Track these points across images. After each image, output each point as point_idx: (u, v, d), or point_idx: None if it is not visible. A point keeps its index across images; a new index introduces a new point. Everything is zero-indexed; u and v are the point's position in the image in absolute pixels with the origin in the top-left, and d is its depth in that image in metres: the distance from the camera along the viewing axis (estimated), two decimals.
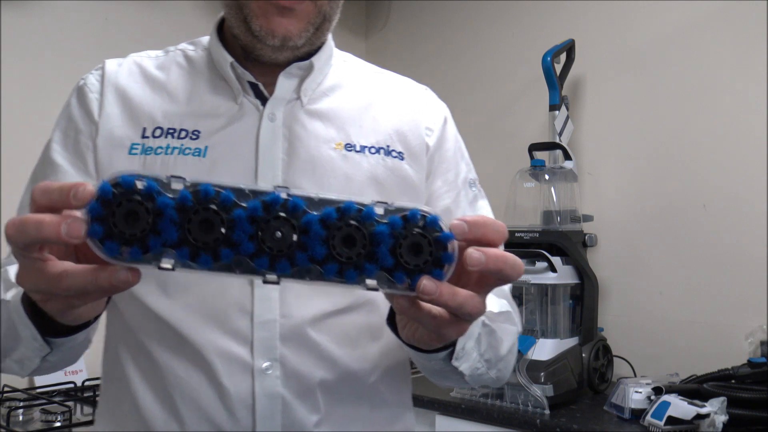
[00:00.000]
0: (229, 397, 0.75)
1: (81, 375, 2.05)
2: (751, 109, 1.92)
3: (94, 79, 0.86)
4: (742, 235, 1.92)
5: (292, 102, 0.84)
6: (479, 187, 0.96)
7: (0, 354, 0.74)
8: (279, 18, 0.77)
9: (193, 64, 0.86)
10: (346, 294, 0.80)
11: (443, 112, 0.95)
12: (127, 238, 0.49)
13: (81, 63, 2.17)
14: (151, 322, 0.78)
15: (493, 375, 0.83)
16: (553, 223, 1.98)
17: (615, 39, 2.21)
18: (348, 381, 0.81)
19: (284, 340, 0.77)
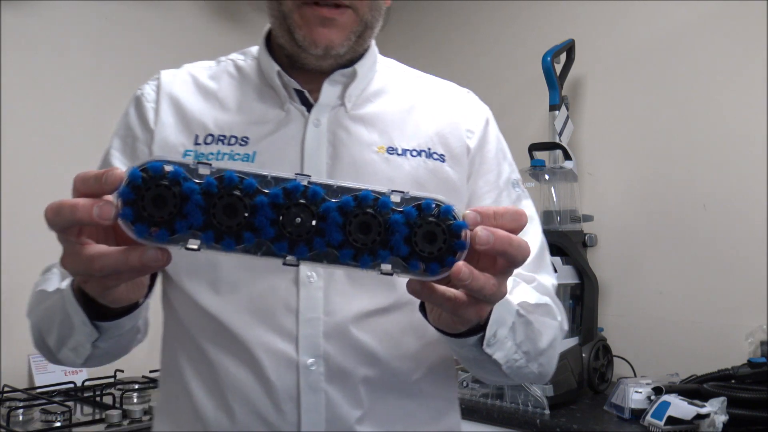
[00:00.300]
0: (276, 392, 0.78)
1: (81, 375, 2.05)
2: (751, 109, 1.92)
3: (151, 89, 0.92)
4: (742, 235, 1.92)
5: (336, 108, 0.87)
6: (523, 188, 0.97)
7: (49, 344, 0.78)
8: (321, 28, 0.80)
9: (243, 73, 0.90)
10: (388, 294, 0.82)
11: (485, 114, 0.95)
12: (155, 221, 0.52)
13: (81, 63, 2.18)
14: (204, 320, 0.81)
15: (535, 369, 0.83)
16: (553, 223, 1.97)
17: (615, 39, 2.21)
18: (391, 378, 0.83)
19: (327, 338, 0.80)
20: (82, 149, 2.16)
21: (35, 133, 2.07)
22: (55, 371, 2.03)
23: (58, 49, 2.11)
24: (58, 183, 2.09)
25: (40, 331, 0.81)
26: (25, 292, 2.10)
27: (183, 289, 0.83)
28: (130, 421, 1.67)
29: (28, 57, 2.05)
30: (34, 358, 2.01)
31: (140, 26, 2.30)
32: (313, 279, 0.80)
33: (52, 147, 2.09)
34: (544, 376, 0.87)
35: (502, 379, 0.83)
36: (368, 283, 0.81)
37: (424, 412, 0.86)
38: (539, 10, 2.40)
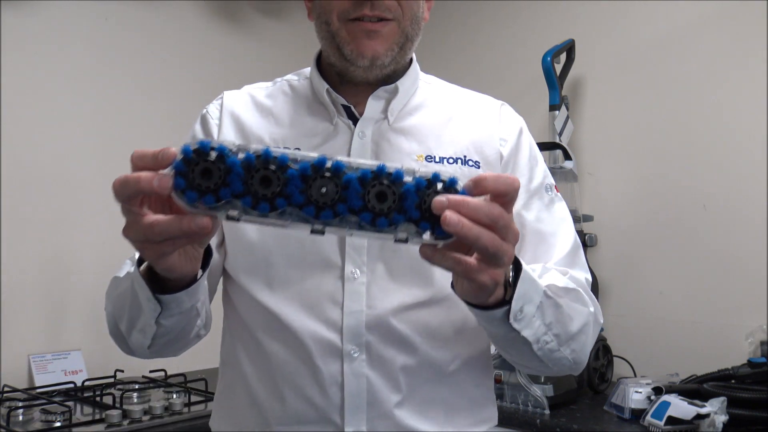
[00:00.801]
0: (322, 376, 0.88)
1: (81, 375, 2.05)
2: (751, 109, 1.92)
3: (215, 108, 1.01)
4: (742, 235, 1.92)
5: (379, 121, 0.96)
6: (557, 192, 1.03)
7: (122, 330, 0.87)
8: (367, 41, 0.89)
9: (296, 92, 1.00)
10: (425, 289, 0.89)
11: (519, 124, 1.04)
12: (203, 190, 0.62)
13: (81, 63, 2.18)
14: (259, 313, 0.91)
15: (568, 354, 0.87)
16: None
17: (615, 39, 2.21)
18: (428, 367, 0.90)
19: (369, 329, 0.88)
20: (82, 149, 2.16)
21: (35, 133, 2.07)
22: (55, 371, 2.03)
23: (58, 49, 2.11)
24: (59, 183, 2.10)
25: (114, 317, 0.90)
26: (25, 292, 2.12)
27: (242, 287, 0.93)
28: (130, 421, 1.67)
29: (28, 57, 2.05)
30: (34, 358, 2.01)
31: (140, 26, 2.29)
32: (356, 275, 0.89)
33: (52, 147, 2.09)
34: (578, 364, 0.90)
35: (537, 364, 0.86)
36: (407, 279, 0.89)
37: (461, 401, 0.93)
38: (539, 10, 2.40)
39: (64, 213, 2.11)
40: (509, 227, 0.66)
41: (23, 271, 2.03)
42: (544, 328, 0.82)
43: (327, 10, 0.91)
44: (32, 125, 2.06)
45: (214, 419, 1.00)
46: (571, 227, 1.00)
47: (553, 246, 0.95)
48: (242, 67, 2.55)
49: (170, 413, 1.74)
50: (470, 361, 0.94)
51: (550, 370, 0.89)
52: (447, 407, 0.92)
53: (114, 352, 2.22)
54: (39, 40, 2.07)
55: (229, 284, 0.98)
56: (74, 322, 2.13)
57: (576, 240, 0.99)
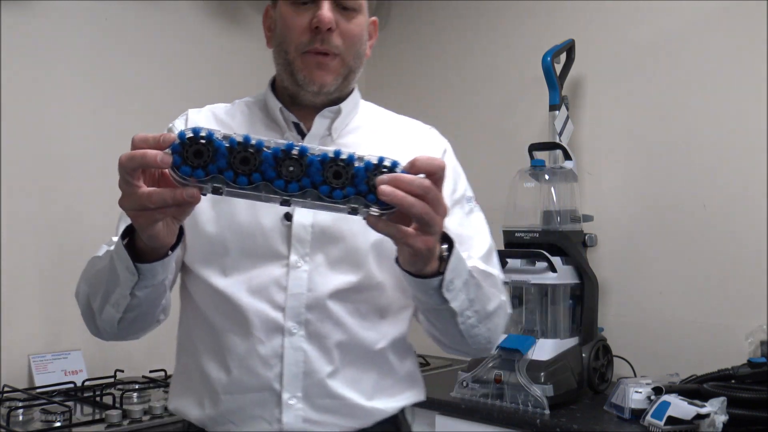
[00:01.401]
0: (264, 349, 1.00)
1: (81, 375, 2.05)
2: (751, 109, 1.92)
3: (180, 123, 1.14)
4: (742, 235, 1.92)
5: (324, 137, 1.10)
6: (475, 203, 1.17)
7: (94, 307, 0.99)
8: (317, 71, 1.03)
9: (252, 110, 1.14)
10: (358, 276, 1.03)
11: (443, 146, 1.17)
12: (195, 166, 0.77)
13: (81, 63, 2.18)
14: (212, 297, 1.03)
15: (485, 332, 1.01)
16: (553, 223, 1.98)
17: (615, 39, 2.21)
18: (359, 344, 1.03)
19: (309, 308, 1.01)
20: (82, 149, 2.16)
21: (35, 133, 2.07)
22: (55, 371, 2.03)
23: (58, 49, 2.11)
24: (59, 183, 2.10)
25: (88, 296, 1.01)
26: (26, 292, 2.11)
27: (198, 275, 1.04)
28: (130, 421, 1.67)
29: (28, 57, 2.05)
30: (34, 358, 2.01)
31: (140, 26, 2.29)
32: (300, 264, 1.02)
33: (52, 147, 2.09)
34: (491, 344, 1.05)
35: (458, 339, 1.00)
36: (343, 267, 1.03)
37: (387, 376, 1.06)
38: (539, 10, 2.41)
39: (65, 213, 2.11)
40: (438, 200, 0.81)
41: (23, 271, 2.03)
42: (467, 303, 0.96)
43: (286, 40, 1.05)
44: (32, 125, 2.06)
45: (171, 399, 1.10)
46: (487, 233, 1.16)
47: (471, 247, 1.09)
48: (242, 67, 2.55)
49: (170, 413, 1.74)
50: (395, 341, 1.07)
51: (468, 346, 1.02)
52: (374, 381, 1.04)
53: (114, 352, 2.23)
54: (39, 40, 2.07)
55: (186, 276, 1.09)
56: (74, 322, 2.11)
57: (491, 243, 1.14)
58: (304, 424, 1.00)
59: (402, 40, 2.87)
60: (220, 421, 1.02)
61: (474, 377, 1.87)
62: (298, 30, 1.03)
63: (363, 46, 1.08)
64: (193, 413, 1.05)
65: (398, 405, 1.07)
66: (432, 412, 1.91)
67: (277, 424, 0.99)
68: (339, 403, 1.01)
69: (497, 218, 2.11)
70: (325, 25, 1.01)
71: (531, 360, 1.82)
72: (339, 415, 1.01)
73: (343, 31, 1.03)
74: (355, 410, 1.02)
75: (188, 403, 1.05)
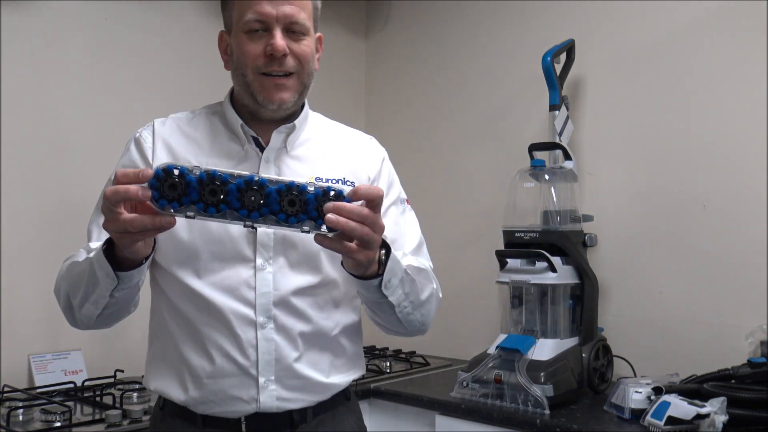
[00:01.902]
0: (241, 341, 1.15)
1: (81, 375, 2.05)
2: (751, 109, 1.92)
3: (147, 134, 1.25)
4: (742, 234, 1.92)
5: (280, 150, 1.23)
6: (408, 205, 1.36)
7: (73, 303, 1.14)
8: (275, 92, 1.17)
9: (213, 123, 1.26)
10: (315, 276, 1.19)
11: (382, 154, 1.34)
12: (169, 199, 0.90)
13: (81, 63, 2.18)
14: (189, 296, 1.16)
15: (419, 317, 1.21)
16: (553, 223, 1.98)
17: (615, 39, 2.21)
18: (318, 332, 1.20)
19: (276, 305, 1.17)
20: (82, 149, 2.16)
21: (35, 132, 2.07)
22: (55, 371, 2.03)
23: (58, 49, 2.11)
24: (59, 182, 2.10)
25: (68, 293, 1.16)
26: (25, 292, 2.11)
27: (174, 275, 1.17)
28: (130, 421, 1.67)
29: (28, 57, 2.05)
30: (34, 358, 2.01)
31: (140, 26, 2.29)
32: (265, 266, 1.16)
33: (52, 146, 2.09)
34: (425, 325, 1.24)
35: (396, 324, 1.20)
36: (302, 268, 1.18)
37: (341, 356, 1.24)
38: (539, 10, 2.41)
39: (65, 212, 2.10)
40: (376, 222, 0.98)
41: (23, 272, 2.03)
42: (403, 296, 1.15)
43: (243, 65, 1.17)
44: (32, 125, 2.06)
45: (149, 379, 1.23)
46: (418, 229, 1.35)
47: (405, 242, 1.29)
48: None
49: None
50: (346, 328, 1.24)
51: (405, 329, 1.22)
52: (330, 361, 1.22)
53: (114, 352, 2.23)
54: (39, 40, 2.07)
55: (158, 273, 1.21)
56: None
57: (421, 238, 1.34)
58: (278, 402, 1.16)
59: (402, 40, 2.87)
60: (203, 401, 1.16)
61: (474, 377, 1.87)
62: (254, 55, 1.16)
63: (313, 62, 1.22)
64: (176, 394, 1.18)
65: (348, 379, 1.26)
66: (432, 412, 1.91)
67: (255, 404, 1.15)
68: (304, 382, 1.18)
69: (496, 218, 2.12)
70: (279, 53, 1.14)
71: (531, 360, 1.82)
72: (305, 392, 1.19)
73: (295, 53, 1.17)
74: (317, 387, 1.20)
75: (170, 385, 1.19)
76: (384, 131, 2.92)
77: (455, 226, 2.58)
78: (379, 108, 2.95)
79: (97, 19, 2.20)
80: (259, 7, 1.14)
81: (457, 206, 2.56)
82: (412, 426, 1.96)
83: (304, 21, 1.17)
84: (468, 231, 2.51)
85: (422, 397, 1.94)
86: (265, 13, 1.14)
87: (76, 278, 1.11)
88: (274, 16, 1.14)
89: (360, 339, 1.30)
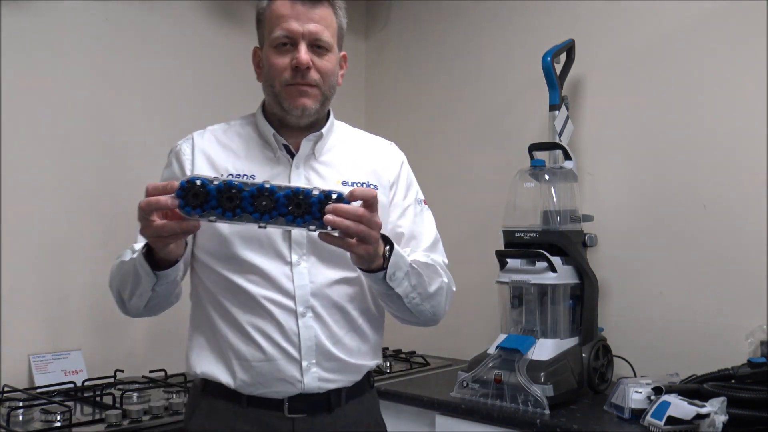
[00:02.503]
0: (285, 330, 1.27)
1: (81, 375, 2.05)
2: (751, 109, 1.92)
3: (187, 146, 1.37)
4: (742, 235, 1.92)
5: (309, 156, 1.36)
6: (425, 205, 1.47)
7: (124, 297, 1.28)
8: (299, 98, 1.29)
9: (247, 133, 1.39)
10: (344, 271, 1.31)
11: (401, 158, 1.47)
12: (194, 205, 1.04)
13: (81, 63, 2.18)
14: (232, 290, 1.29)
15: (429, 308, 1.33)
16: (553, 223, 1.98)
17: (615, 39, 2.21)
18: (348, 319, 1.33)
19: (313, 295, 1.29)
20: (82, 149, 2.16)
21: (35, 133, 2.07)
22: (55, 371, 2.03)
23: (58, 49, 2.11)
24: (59, 183, 2.10)
25: (119, 289, 1.29)
26: (25, 292, 2.12)
27: (218, 272, 1.30)
28: (130, 421, 1.67)
29: (28, 57, 2.05)
30: (34, 358, 2.01)
31: (140, 26, 2.29)
32: (299, 262, 1.29)
33: (52, 147, 2.09)
34: (436, 316, 1.36)
35: (408, 314, 1.32)
36: (332, 264, 1.30)
37: (366, 344, 1.37)
38: (539, 10, 2.41)
39: (65, 213, 2.11)
40: (372, 220, 1.10)
41: (23, 271, 2.03)
42: (410, 288, 1.26)
43: (272, 77, 1.31)
44: (31, 125, 2.06)
45: (194, 365, 1.33)
46: (434, 227, 1.46)
47: (421, 240, 1.41)
48: (242, 67, 2.54)
49: (170, 413, 1.74)
50: (371, 318, 1.37)
51: (417, 319, 1.34)
52: (358, 347, 1.34)
53: (114, 352, 2.23)
54: (39, 40, 2.07)
55: (202, 272, 1.34)
56: (74, 322, 2.13)
57: (436, 236, 1.45)
58: (319, 383, 1.28)
59: (402, 40, 2.87)
60: (251, 384, 1.28)
61: (474, 377, 1.87)
62: (281, 68, 1.29)
63: (335, 77, 1.35)
64: (225, 379, 1.29)
65: (373, 363, 1.40)
66: (432, 412, 1.91)
67: (300, 385, 1.27)
68: (340, 364, 1.31)
69: (496, 218, 2.12)
70: (303, 65, 1.27)
71: (531, 360, 1.82)
72: (341, 373, 1.31)
73: (318, 67, 1.29)
74: (351, 368, 1.33)
75: (218, 370, 1.30)
76: (384, 131, 2.91)
77: (455, 226, 2.57)
78: (379, 108, 2.95)
79: (97, 19, 2.20)
80: (288, 24, 1.28)
81: (457, 206, 2.56)
82: (412, 426, 1.96)
83: (328, 39, 1.30)
84: (468, 231, 2.51)
85: (422, 397, 1.94)
86: (293, 30, 1.28)
87: (124, 276, 1.25)
88: (300, 32, 1.28)
89: (381, 330, 1.43)
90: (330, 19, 1.33)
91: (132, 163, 2.22)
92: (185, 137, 1.39)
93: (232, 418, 1.29)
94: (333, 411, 1.31)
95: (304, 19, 1.28)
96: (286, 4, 1.29)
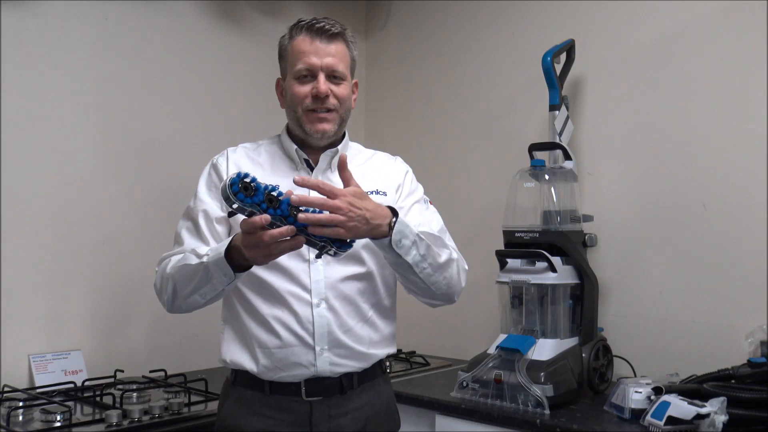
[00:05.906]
0: (301, 319, 1.42)
1: (81, 375, 2.05)
2: (751, 109, 1.92)
3: (222, 159, 1.55)
4: (742, 235, 1.92)
5: (326, 170, 1.53)
6: (429, 203, 1.61)
7: (180, 293, 1.42)
8: (319, 123, 1.48)
9: (273, 150, 1.57)
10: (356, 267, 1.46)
11: (405, 169, 1.63)
12: (246, 195, 1.18)
13: (81, 63, 2.18)
14: (256, 285, 1.45)
15: (441, 280, 1.44)
16: (553, 223, 1.98)
17: (615, 39, 2.21)
18: (359, 311, 1.47)
19: (327, 288, 1.44)
20: (82, 149, 2.16)
21: (35, 133, 2.07)
22: (55, 371, 2.03)
23: (58, 49, 2.11)
24: (59, 183, 2.10)
25: (176, 286, 1.42)
26: (26, 292, 2.11)
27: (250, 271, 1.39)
28: (130, 421, 1.67)
29: (28, 57, 2.05)
30: (34, 358, 2.01)
31: (140, 26, 2.30)
32: (317, 261, 1.43)
33: (52, 147, 2.09)
34: (452, 289, 1.48)
35: (423, 286, 1.43)
36: (346, 260, 1.43)
37: (376, 333, 1.50)
38: (539, 10, 2.41)
39: (65, 213, 2.11)
40: (332, 191, 1.23)
41: (23, 271, 2.03)
42: (419, 257, 1.37)
43: (295, 104, 1.48)
44: (32, 125, 2.06)
45: (225, 355, 1.48)
46: (440, 220, 1.58)
47: (430, 227, 1.51)
48: (242, 67, 2.55)
49: (170, 413, 1.74)
50: (382, 311, 1.51)
51: (433, 293, 1.45)
52: (369, 335, 1.48)
53: (114, 352, 2.23)
54: (39, 40, 2.07)
55: None
56: (74, 322, 2.13)
57: (443, 226, 1.57)
58: (331, 366, 1.43)
59: (402, 40, 2.87)
60: (271, 368, 1.43)
61: (474, 377, 1.87)
62: (303, 96, 1.47)
63: (350, 102, 1.53)
64: (249, 365, 1.45)
65: (384, 352, 1.52)
66: (432, 412, 1.91)
67: (313, 368, 1.42)
68: (350, 351, 1.44)
69: (496, 218, 2.12)
70: (323, 94, 1.45)
71: (531, 360, 1.82)
72: (351, 359, 1.45)
73: (335, 94, 1.47)
74: (361, 356, 1.46)
75: (242, 357, 1.46)
76: (383, 131, 2.92)
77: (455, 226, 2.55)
78: (379, 108, 2.95)
79: (97, 19, 2.20)
80: (308, 59, 1.46)
81: (457, 206, 2.56)
82: (412, 426, 1.96)
83: (343, 70, 1.48)
84: (468, 231, 2.51)
85: (422, 397, 1.94)
86: (312, 64, 1.46)
87: (188, 276, 1.39)
88: (319, 65, 1.45)
89: (393, 322, 1.56)
90: (344, 52, 1.50)
91: (132, 163, 2.23)
92: (220, 152, 1.56)
93: (257, 404, 1.45)
94: (345, 393, 1.45)
95: (323, 54, 1.46)
96: (306, 41, 1.47)
